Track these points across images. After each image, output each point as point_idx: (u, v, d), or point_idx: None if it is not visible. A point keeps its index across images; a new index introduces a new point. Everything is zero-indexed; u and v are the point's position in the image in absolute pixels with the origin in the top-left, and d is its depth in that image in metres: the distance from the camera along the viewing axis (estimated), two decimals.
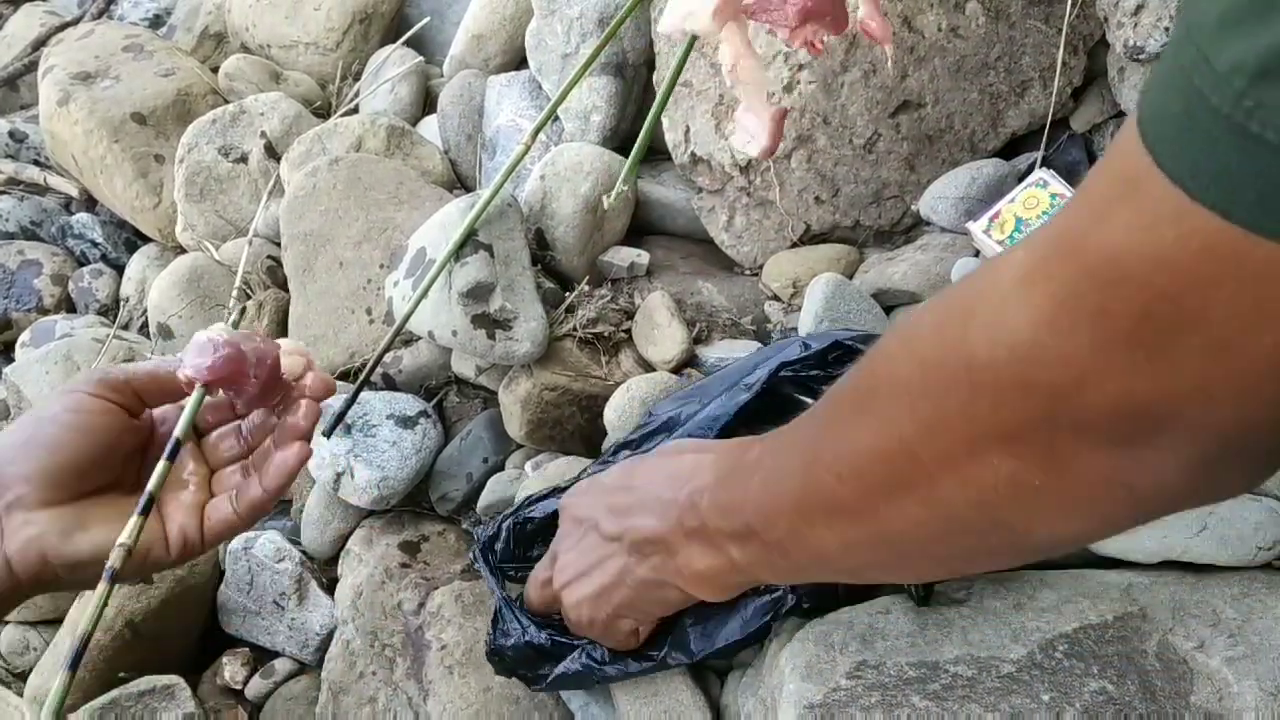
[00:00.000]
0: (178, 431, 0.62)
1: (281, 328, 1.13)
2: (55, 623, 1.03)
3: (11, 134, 1.52)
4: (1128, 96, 0.95)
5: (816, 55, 0.66)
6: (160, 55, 1.38)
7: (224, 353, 0.63)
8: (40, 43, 1.64)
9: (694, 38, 0.63)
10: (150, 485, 0.61)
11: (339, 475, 1.00)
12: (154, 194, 1.27)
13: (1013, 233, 0.89)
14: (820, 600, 0.75)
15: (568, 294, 1.03)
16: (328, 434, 0.99)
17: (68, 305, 1.32)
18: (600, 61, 1.10)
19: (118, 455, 0.63)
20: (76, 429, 0.60)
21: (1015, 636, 0.71)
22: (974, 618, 0.72)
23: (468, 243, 0.95)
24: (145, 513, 0.60)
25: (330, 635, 1.00)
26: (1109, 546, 0.77)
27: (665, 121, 1.07)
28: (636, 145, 0.57)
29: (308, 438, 0.66)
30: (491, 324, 0.95)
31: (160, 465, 0.62)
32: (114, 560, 0.58)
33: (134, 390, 0.64)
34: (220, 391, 0.65)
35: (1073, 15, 0.95)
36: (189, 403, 0.64)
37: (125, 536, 0.59)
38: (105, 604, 0.58)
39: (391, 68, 1.33)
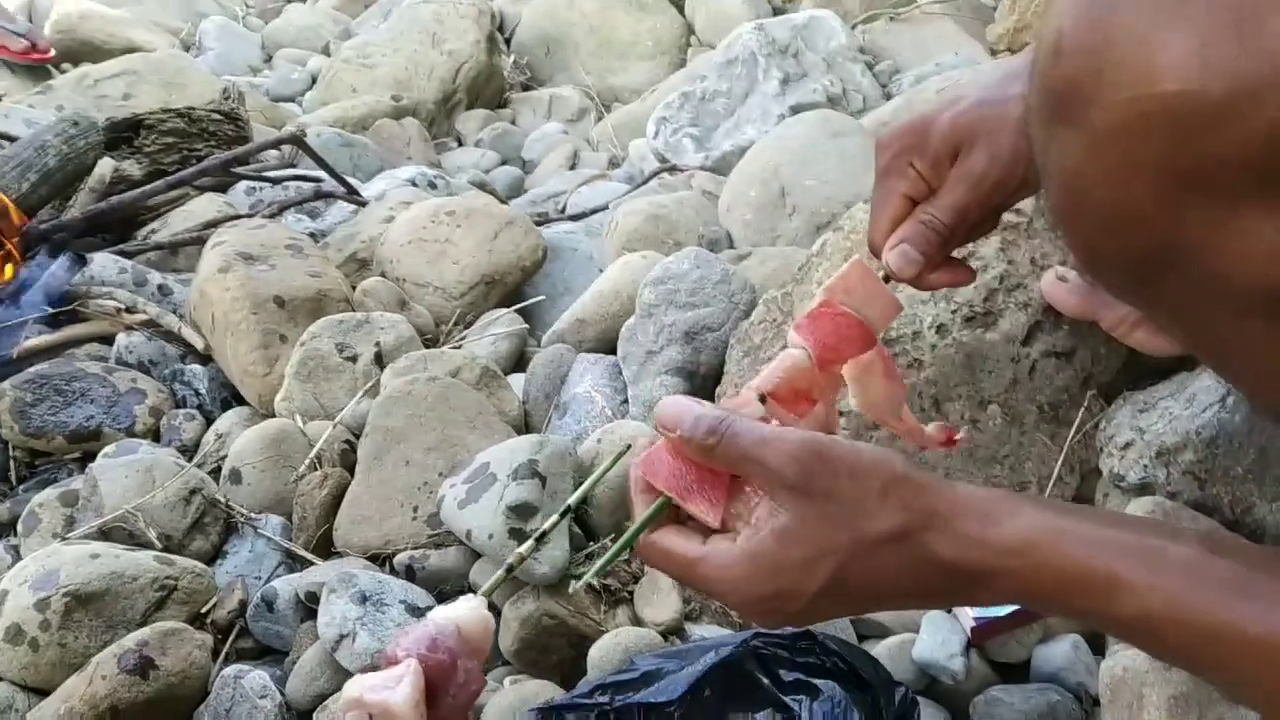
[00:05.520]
0: None
1: (336, 501, 1.26)
2: (43, 693, 1.10)
3: (160, 287, 1.74)
4: None
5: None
6: (314, 260, 1.61)
7: (441, 657, 0.61)
8: (211, 224, 1.90)
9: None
10: None
11: (341, 638, 1.10)
12: (268, 364, 1.45)
13: None
14: None
15: (591, 544, 1.16)
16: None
17: (154, 435, 1.48)
18: (675, 364, 1.29)
19: None
20: None
21: None
22: None
23: (526, 468, 1.10)
24: None
25: None
26: None
27: None
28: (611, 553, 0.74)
29: None
30: (524, 540, 1.07)
31: None
32: None
33: None
34: None
35: (1075, 439, 1.12)
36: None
37: None
38: None
39: (499, 326, 1.54)
